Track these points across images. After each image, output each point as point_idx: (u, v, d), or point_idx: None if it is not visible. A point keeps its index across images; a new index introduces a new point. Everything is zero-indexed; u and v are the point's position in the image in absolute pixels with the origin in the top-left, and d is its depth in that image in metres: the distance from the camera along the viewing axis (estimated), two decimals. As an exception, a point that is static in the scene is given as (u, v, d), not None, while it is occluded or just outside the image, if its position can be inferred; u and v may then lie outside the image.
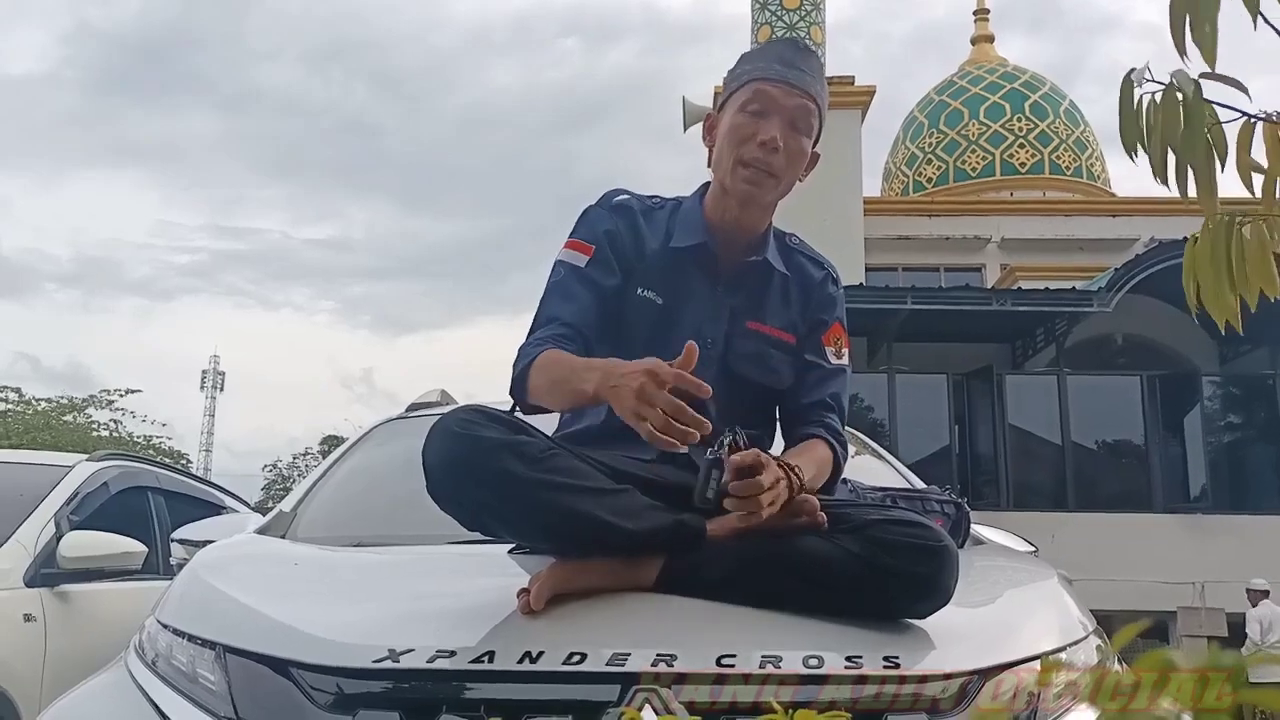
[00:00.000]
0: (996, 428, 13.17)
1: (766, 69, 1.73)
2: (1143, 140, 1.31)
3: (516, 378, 1.66)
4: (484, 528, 1.59)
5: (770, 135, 1.70)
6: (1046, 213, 17.93)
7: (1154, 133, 1.30)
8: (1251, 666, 0.42)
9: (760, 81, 1.72)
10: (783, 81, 1.71)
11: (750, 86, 1.73)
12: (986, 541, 2.32)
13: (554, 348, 1.65)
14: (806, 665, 1.33)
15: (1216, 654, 0.40)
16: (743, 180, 1.72)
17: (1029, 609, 1.73)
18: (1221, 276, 1.34)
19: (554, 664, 1.32)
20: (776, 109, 1.71)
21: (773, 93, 1.71)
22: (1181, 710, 0.41)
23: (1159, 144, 1.29)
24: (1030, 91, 19.34)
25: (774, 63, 1.73)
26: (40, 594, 3.45)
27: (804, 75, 1.73)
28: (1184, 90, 1.28)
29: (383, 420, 2.98)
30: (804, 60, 1.75)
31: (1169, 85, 1.29)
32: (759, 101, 1.71)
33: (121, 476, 4.27)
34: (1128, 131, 1.32)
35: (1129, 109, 1.32)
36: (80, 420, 17.36)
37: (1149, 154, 1.31)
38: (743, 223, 1.78)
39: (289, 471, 33.93)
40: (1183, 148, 1.28)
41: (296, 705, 1.36)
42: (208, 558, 1.97)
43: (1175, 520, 12.48)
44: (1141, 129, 1.30)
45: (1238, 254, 1.34)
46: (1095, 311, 12.57)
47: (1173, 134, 1.28)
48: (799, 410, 1.80)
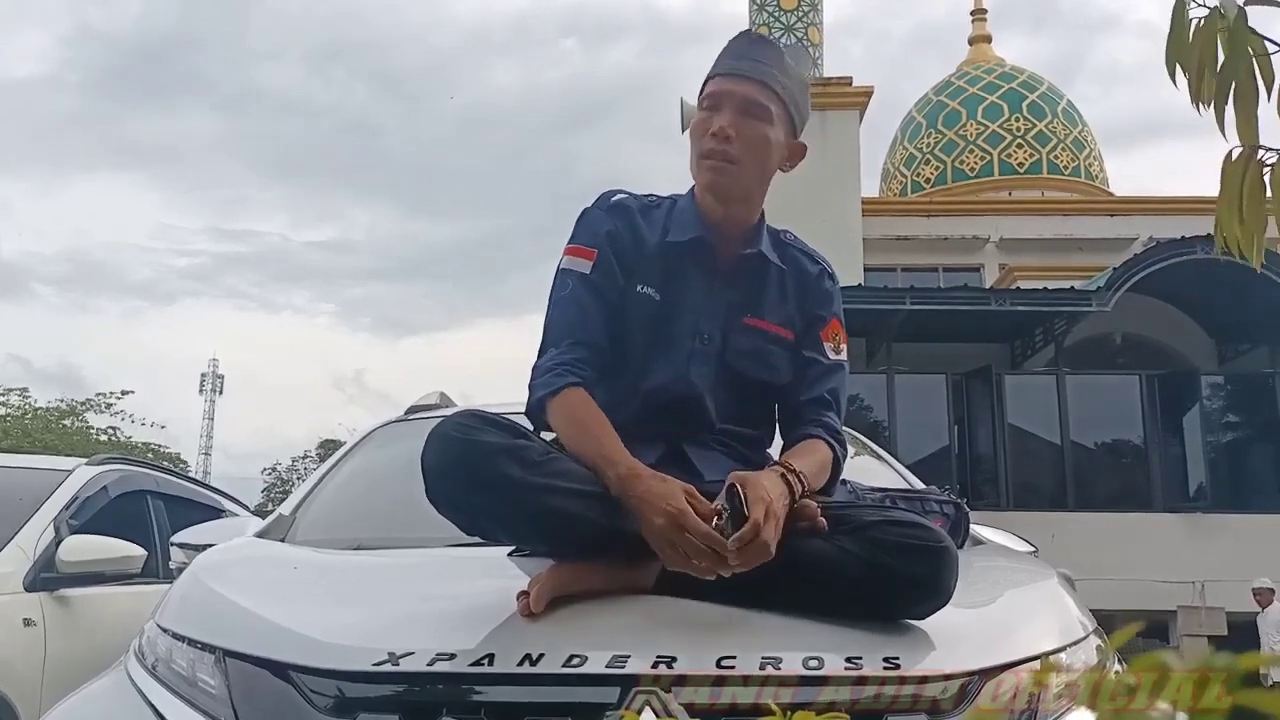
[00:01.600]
0: (996, 428, 13.17)
1: (720, 65, 1.78)
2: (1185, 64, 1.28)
3: (534, 406, 1.68)
4: (483, 531, 1.60)
5: (719, 125, 1.72)
6: (1045, 212, 17.94)
7: (1193, 55, 1.28)
8: (1265, 668, 0.42)
9: (714, 79, 1.77)
10: (733, 73, 1.75)
11: (707, 86, 1.77)
12: (986, 542, 2.32)
13: (574, 379, 1.65)
14: (806, 666, 1.33)
15: (1213, 655, 0.40)
16: (706, 171, 1.75)
17: (1029, 609, 1.73)
18: (1233, 209, 1.32)
19: (554, 666, 1.32)
20: (728, 100, 1.74)
21: (724, 85, 1.75)
22: (1178, 712, 0.41)
23: (1198, 68, 1.28)
24: (1028, 91, 19.35)
25: (727, 58, 1.78)
26: (40, 598, 3.44)
27: (757, 64, 1.76)
28: (1229, 15, 1.26)
29: (382, 423, 2.98)
30: (757, 50, 1.78)
31: (1214, 9, 1.27)
32: (712, 97, 1.75)
33: (121, 480, 4.27)
34: (1173, 52, 1.29)
35: (1180, 30, 1.29)
36: (79, 424, 17.35)
37: (1188, 78, 1.29)
38: (729, 216, 1.79)
39: (288, 475, 33.93)
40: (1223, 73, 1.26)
41: (296, 709, 1.36)
42: (207, 561, 1.97)
43: (1175, 520, 12.48)
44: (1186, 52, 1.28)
45: (1254, 188, 1.31)
46: (1094, 311, 12.57)
47: (1211, 59, 1.26)
48: (797, 407, 1.79)
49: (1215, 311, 13.24)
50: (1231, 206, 1.32)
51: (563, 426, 1.64)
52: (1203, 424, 13.18)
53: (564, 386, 1.64)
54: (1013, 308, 13.09)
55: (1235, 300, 12.16)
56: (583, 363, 1.68)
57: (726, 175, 1.74)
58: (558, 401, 1.64)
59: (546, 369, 1.68)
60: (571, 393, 1.64)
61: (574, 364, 1.67)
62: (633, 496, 1.47)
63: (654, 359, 1.74)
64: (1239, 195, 1.31)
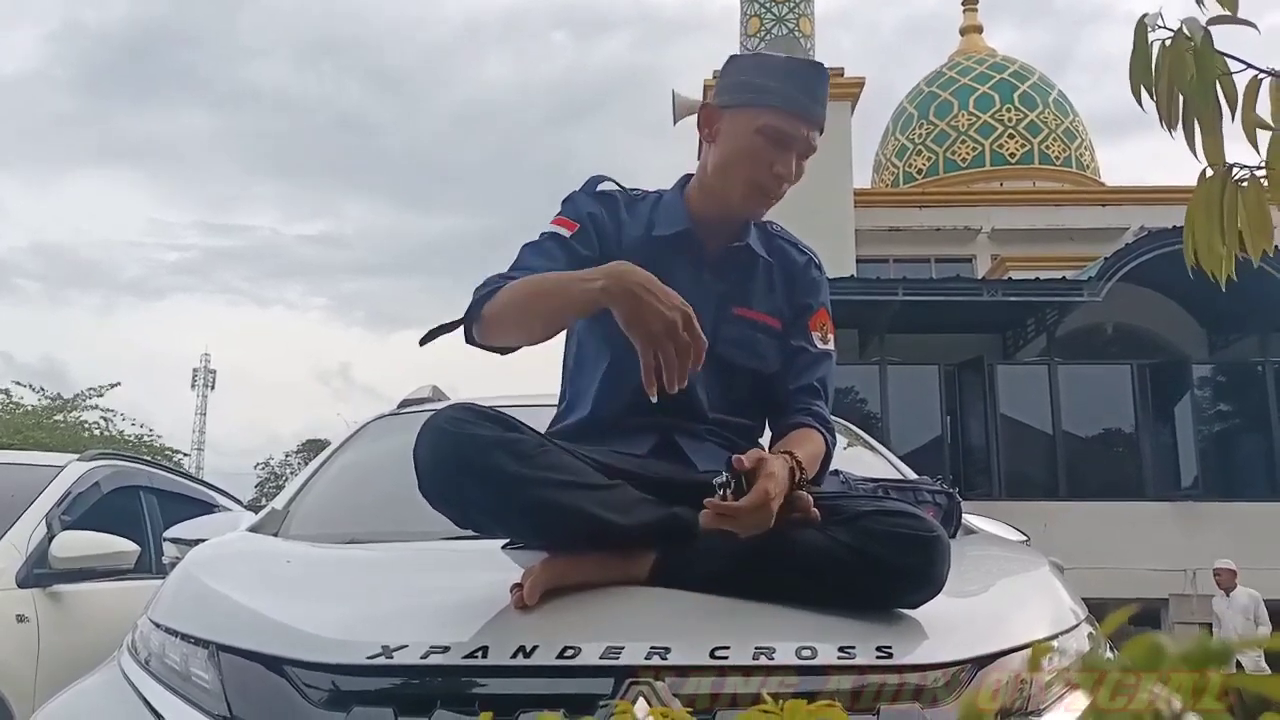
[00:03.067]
0: (988, 418, 13.21)
1: (791, 98, 1.71)
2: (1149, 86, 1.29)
3: (477, 300, 1.62)
4: (476, 525, 1.59)
5: (787, 169, 1.73)
6: (1036, 203, 17.99)
7: (1161, 78, 1.28)
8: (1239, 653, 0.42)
9: (782, 111, 1.71)
10: (804, 115, 1.72)
11: (772, 110, 1.71)
12: (978, 531, 2.33)
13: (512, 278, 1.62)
14: (800, 656, 1.33)
15: (1205, 639, 0.40)
16: (750, 201, 1.76)
17: (1021, 598, 1.73)
18: (1214, 228, 1.33)
19: (548, 658, 1.33)
20: (795, 143, 1.72)
21: (793, 126, 1.71)
22: (1170, 694, 0.41)
23: (1166, 89, 1.28)
24: (1019, 82, 19.38)
25: (798, 91, 1.72)
26: (33, 594, 3.44)
27: (820, 108, 1.75)
28: (1194, 36, 1.26)
29: (374, 417, 2.97)
30: (820, 90, 1.76)
31: (1178, 31, 1.28)
32: (779, 130, 1.71)
33: (113, 476, 4.26)
34: (1137, 75, 1.30)
35: (1142, 52, 1.30)
36: (70, 420, 17.29)
37: (1155, 100, 1.30)
38: (729, 221, 1.80)
39: (281, 470, 33.89)
40: (1191, 94, 1.26)
41: (290, 703, 1.36)
42: (200, 556, 1.97)
43: (1166, 508, 12.54)
44: (1151, 74, 1.29)
45: (1230, 207, 1.33)
46: (1085, 301, 12.62)
47: (1180, 80, 1.27)
48: (786, 395, 1.80)
49: (1206, 301, 13.27)
50: (1212, 224, 1.34)
51: (516, 295, 1.59)
52: (1194, 413, 13.24)
53: (515, 280, 1.61)
54: (1004, 298, 13.13)
55: (1226, 290, 12.17)
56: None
57: (765, 207, 1.79)
58: (507, 287, 1.60)
59: (492, 278, 1.65)
60: (527, 278, 1.61)
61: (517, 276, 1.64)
62: (628, 285, 1.43)
63: None
64: (1219, 214, 1.33)
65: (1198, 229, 1.35)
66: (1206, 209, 1.33)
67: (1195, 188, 1.36)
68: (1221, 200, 1.32)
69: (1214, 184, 1.32)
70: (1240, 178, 1.32)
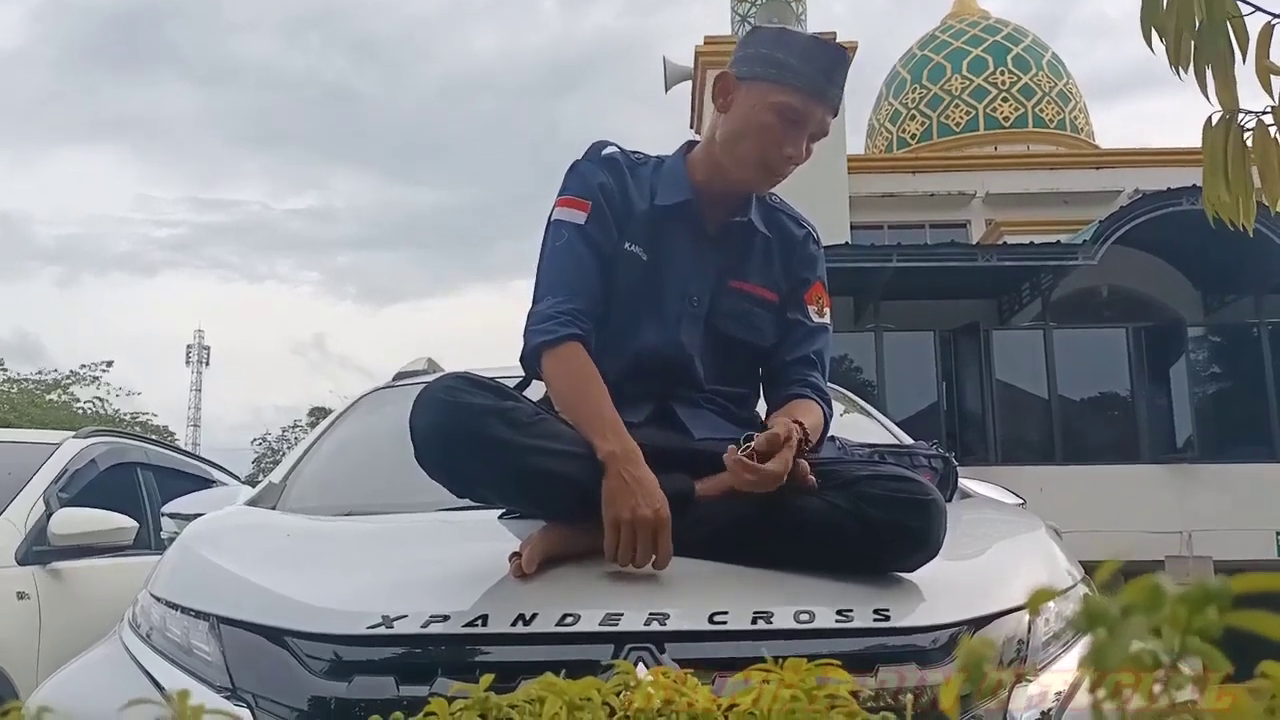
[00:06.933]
0: (984, 383, 13.22)
1: (811, 79, 1.69)
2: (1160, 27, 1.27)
3: (530, 352, 1.66)
4: (473, 494, 1.60)
5: (797, 150, 1.72)
6: (1030, 167, 17.90)
7: (1170, 18, 1.26)
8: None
9: (801, 91, 1.69)
10: (821, 98, 1.70)
11: (791, 89, 1.68)
12: (974, 495, 2.34)
13: (576, 331, 1.64)
14: (798, 620, 1.34)
15: (1205, 580, 0.40)
16: (755, 178, 1.75)
17: (1017, 560, 1.74)
18: (1218, 176, 1.32)
19: (547, 625, 1.33)
20: (810, 123, 1.71)
21: (809, 106, 1.69)
22: (1174, 633, 0.41)
23: (1175, 32, 1.27)
24: (1013, 44, 19.24)
25: (818, 73, 1.69)
26: (33, 571, 3.45)
27: (838, 93, 1.73)
28: None
29: (370, 389, 2.97)
30: (842, 73, 1.74)
31: None
32: (795, 110, 1.69)
33: (110, 453, 4.26)
34: (1148, 16, 1.28)
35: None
36: (64, 398, 17.28)
37: (1165, 43, 1.28)
38: (731, 194, 1.79)
39: (278, 445, 33.88)
40: (1200, 37, 1.24)
41: (292, 673, 1.37)
42: (199, 530, 1.97)
43: (1162, 470, 12.58)
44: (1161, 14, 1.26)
45: (1236, 154, 1.31)
46: (1080, 265, 12.59)
47: (1187, 21, 1.25)
48: (782, 367, 1.80)
49: (1201, 263, 13.26)
50: (1216, 173, 1.32)
51: (559, 381, 1.64)
52: (1189, 375, 13.25)
53: (565, 338, 1.63)
54: (999, 263, 13.10)
55: (1221, 251, 12.18)
56: (583, 315, 1.67)
57: (771, 184, 1.79)
58: (557, 353, 1.63)
59: (546, 316, 1.66)
60: (571, 347, 1.63)
61: (574, 315, 1.66)
62: (627, 475, 1.48)
63: (643, 319, 1.74)
64: (1223, 162, 1.31)
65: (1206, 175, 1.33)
66: (1211, 157, 1.31)
67: (1202, 135, 1.34)
68: (1226, 147, 1.30)
69: (1219, 131, 1.31)
70: (1246, 123, 1.30)
